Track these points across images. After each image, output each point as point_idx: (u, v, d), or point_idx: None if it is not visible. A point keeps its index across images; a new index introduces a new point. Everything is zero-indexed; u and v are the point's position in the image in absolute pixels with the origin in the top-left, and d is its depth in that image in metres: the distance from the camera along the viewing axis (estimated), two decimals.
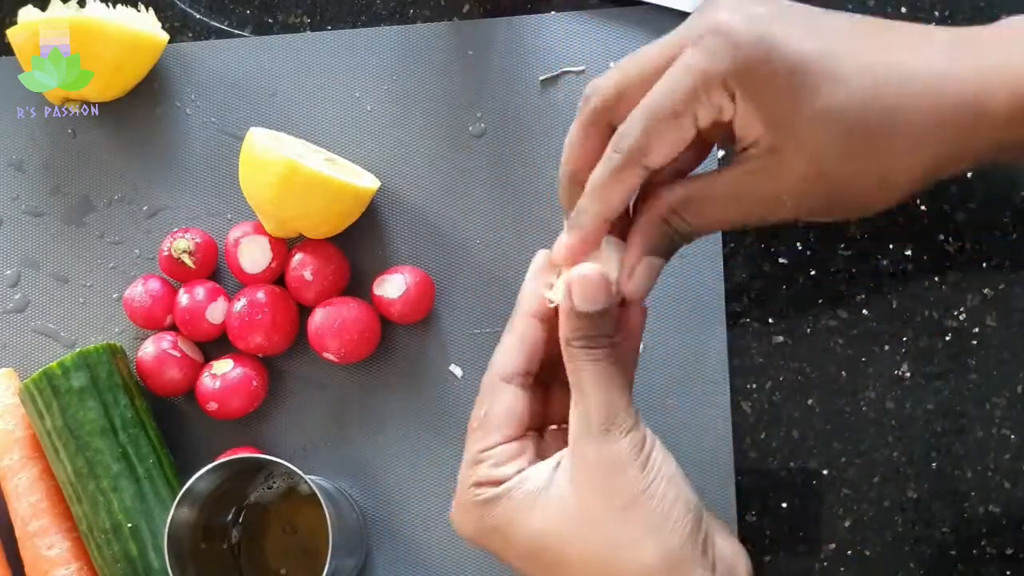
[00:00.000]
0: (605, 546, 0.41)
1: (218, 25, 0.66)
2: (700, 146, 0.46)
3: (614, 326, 0.43)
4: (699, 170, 0.46)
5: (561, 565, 0.42)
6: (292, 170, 0.57)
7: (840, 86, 0.40)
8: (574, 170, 0.45)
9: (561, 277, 0.44)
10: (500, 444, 0.44)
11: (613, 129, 0.43)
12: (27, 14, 0.62)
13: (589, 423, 0.42)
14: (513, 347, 0.45)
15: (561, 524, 0.42)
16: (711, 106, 0.41)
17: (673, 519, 0.41)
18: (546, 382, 0.47)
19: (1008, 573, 0.57)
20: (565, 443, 0.44)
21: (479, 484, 0.43)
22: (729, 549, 0.43)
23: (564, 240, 0.44)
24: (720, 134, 0.44)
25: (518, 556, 0.43)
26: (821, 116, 0.40)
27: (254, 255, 0.61)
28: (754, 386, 0.59)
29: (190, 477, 0.54)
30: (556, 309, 0.44)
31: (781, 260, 0.60)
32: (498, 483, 0.43)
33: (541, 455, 0.45)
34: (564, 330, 0.43)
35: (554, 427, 0.47)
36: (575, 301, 0.43)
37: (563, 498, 0.42)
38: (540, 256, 0.46)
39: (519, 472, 0.43)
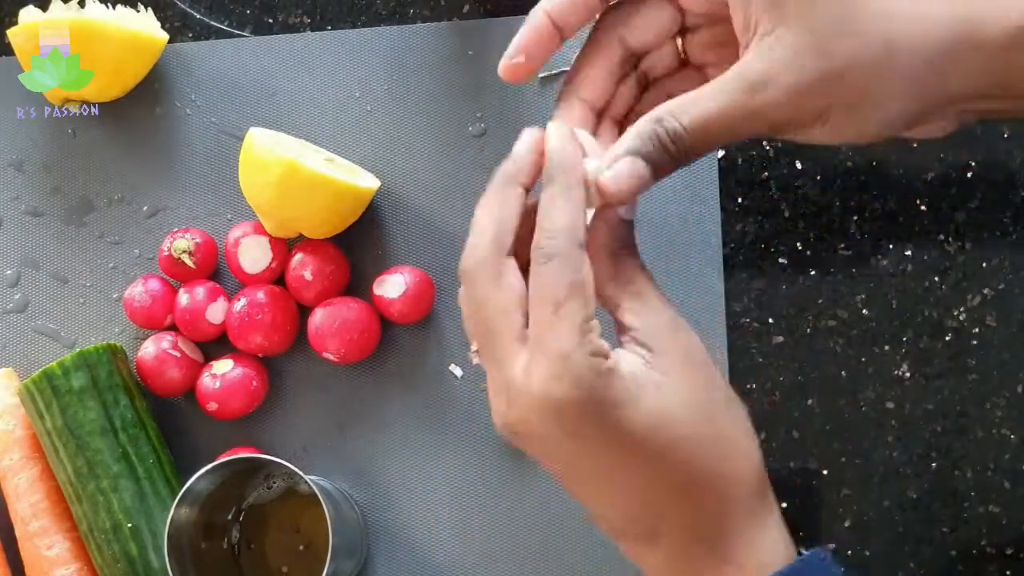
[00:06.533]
0: (718, 435, 0.40)
1: (218, 25, 0.66)
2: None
3: None
4: None
5: (673, 450, 0.40)
6: (292, 170, 0.57)
7: None
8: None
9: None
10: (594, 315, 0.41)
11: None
12: (27, 14, 0.62)
13: (666, 318, 0.41)
14: (582, 216, 0.42)
15: (676, 408, 0.40)
16: None
17: (750, 425, 0.41)
18: None
19: (1008, 573, 0.57)
20: None
21: (597, 353, 0.39)
22: None
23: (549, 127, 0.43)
24: (715, 60, 0.43)
25: (620, 437, 0.40)
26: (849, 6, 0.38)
27: (254, 255, 0.61)
28: (754, 386, 0.59)
29: (190, 477, 0.54)
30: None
31: (781, 260, 0.60)
32: (607, 355, 0.40)
33: None
34: (611, 241, 0.42)
35: None
36: (620, 210, 0.42)
37: (670, 384, 0.40)
38: (558, 128, 0.43)
39: (610, 349, 0.41)
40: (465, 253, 0.42)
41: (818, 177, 0.60)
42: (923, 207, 0.59)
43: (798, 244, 0.60)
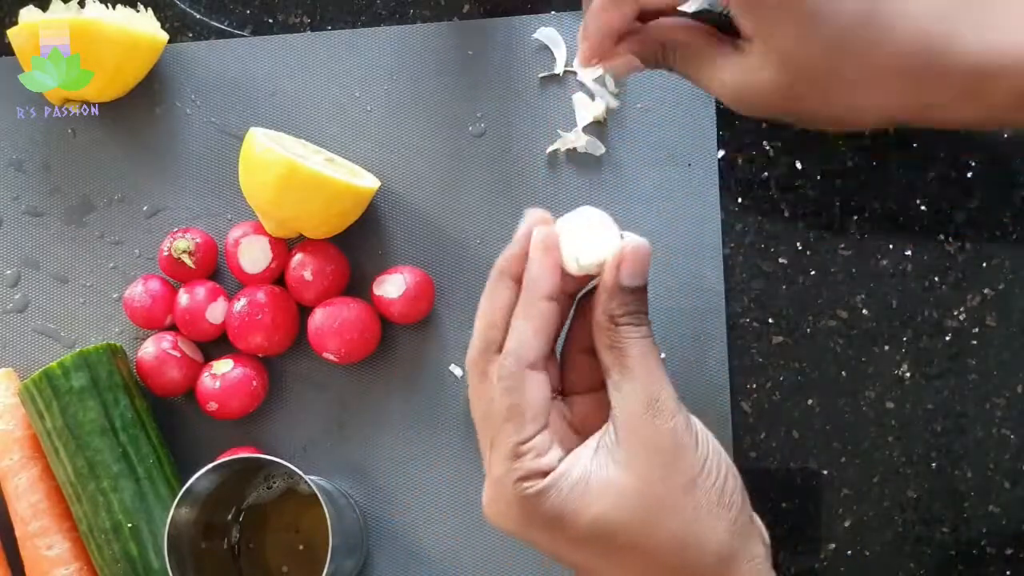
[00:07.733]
0: (677, 527, 0.41)
1: (218, 25, 0.66)
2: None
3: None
4: None
5: (633, 549, 0.41)
6: (292, 170, 0.57)
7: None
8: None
9: (577, 253, 0.43)
10: (538, 434, 0.42)
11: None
12: (27, 14, 0.62)
13: (638, 403, 0.41)
14: (537, 332, 0.43)
15: (625, 510, 0.41)
16: None
17: (728, 493, 0.41)
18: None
19: (1008, 573, 0.57)
20: (581, 412, 0.45)
21: (525, 478, 0.41)
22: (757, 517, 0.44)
23: (580, 49, 0.46)
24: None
25: (575, 544, 0.41)
26: (809, 19, 0.39)
27: (254, 255, 0.61)
28: (754, 386, 0.59)
29: (190, 477, 0.54)
30: (574, 284, 0.44)
31: (781, 260, 0.60)
32: (544, 474, 0.41)
33: (555, 426, 0.44)
34: (609, 307, 0.42)
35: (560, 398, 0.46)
36: (624, 276, 0.42)
37: (621, 482, 0.41)
38: (539, 232, 0.44)
39: (560, 460, 0.42)
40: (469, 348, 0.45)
41: (818, 177, 0.60)
42: (923, 207, 0.59)
43: (798, 244, 0.60)
